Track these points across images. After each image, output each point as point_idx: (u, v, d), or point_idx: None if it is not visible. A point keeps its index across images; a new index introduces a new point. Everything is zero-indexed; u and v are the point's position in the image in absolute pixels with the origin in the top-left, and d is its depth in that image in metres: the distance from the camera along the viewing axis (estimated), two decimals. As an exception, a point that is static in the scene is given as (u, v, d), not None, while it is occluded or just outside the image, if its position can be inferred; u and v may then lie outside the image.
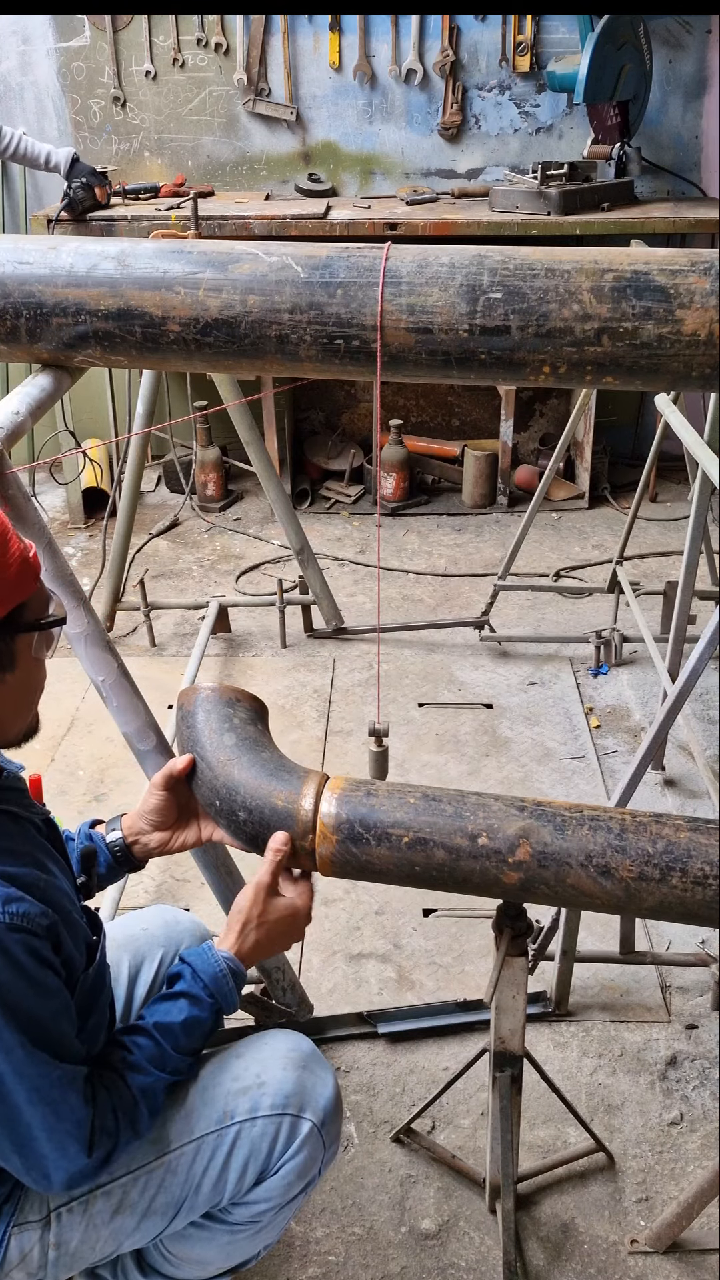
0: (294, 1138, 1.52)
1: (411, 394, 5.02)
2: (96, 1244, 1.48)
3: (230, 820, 1.55)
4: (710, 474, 2.34)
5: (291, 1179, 1.52)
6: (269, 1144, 1.51)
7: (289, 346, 1.56)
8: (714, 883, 1.46)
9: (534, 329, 1.47)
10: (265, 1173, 1.52)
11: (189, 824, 1.63)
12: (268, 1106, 1.52)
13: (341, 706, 3.44)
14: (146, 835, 1.62)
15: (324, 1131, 1.54)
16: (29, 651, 1.34)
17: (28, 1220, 1.44)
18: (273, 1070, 1.55)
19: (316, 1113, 1.54)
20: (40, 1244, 1.44)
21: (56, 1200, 1.45)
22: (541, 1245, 1.96)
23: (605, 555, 4.31)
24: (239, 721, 1.60)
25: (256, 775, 1.53)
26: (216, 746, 1.57)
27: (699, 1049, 2.29)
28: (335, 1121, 1.57)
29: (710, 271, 1.45)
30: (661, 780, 3.08)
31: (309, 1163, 1.53)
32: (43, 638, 1.35)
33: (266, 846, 1.49)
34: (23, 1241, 1.44)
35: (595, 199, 4.31)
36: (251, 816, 1.52)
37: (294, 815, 1.50)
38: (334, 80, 4.63)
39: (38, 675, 1.38)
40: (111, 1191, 1.47)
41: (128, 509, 3.58)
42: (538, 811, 1.53)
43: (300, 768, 1.57)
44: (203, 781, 1.57)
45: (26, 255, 1.61)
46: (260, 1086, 1.53)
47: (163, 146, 4.78)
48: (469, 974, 2.48)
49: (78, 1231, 1.46)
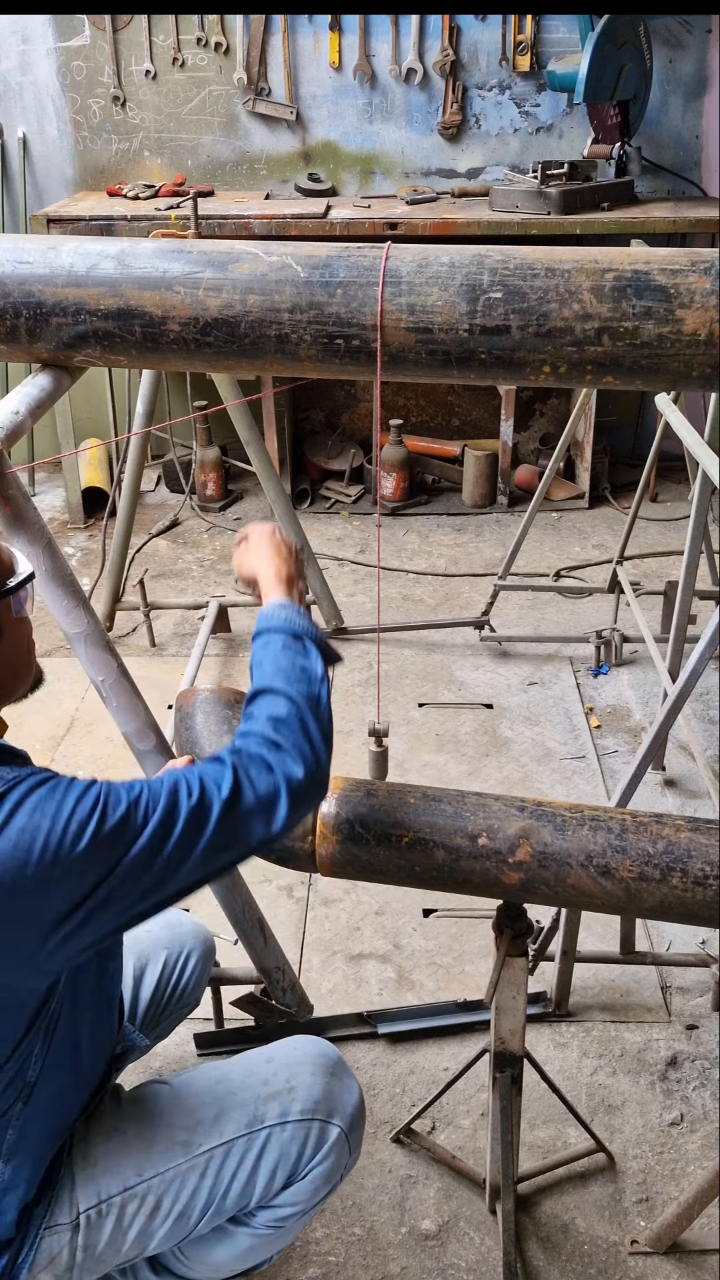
0: (322, 1143, 1.53)
1: (411, 394, 5.01)
2: (123, 1248, 1.49)
3: None
4: (710, 474, 2.34)
5: (318, 1184, 1.54)
6: (298, 1148, 1.52)
7: (289, 346, 1.56)
8: (714, 883, 1.46)
9: (534, 329, 1.47)
10: (293, 1177, 1.53)
11: None
12: (297, 1111, 1.53)
13: (341, 706, 3.43)
14: None
15: (350, 1137, 1.56)
16: (10, 615, 1.33)
17: (58, 1223, 1.45)
18: (302, 1076, 1.56)
19: (344, 1119, 1.56)
20: (69, 1246, 1.45)
21: (86, 1203, 1.46)
22: (541, 1245, 1.96)
23: (605, 555, 4.30)
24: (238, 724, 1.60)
25: None
26: (215, 749, 1.57)
27: (699, 1049, 2.29)
28: (359, 1128, 1.59)
29: (710, 271, 1.45)
30: (662, 780, 3.08)
31: (335, 1168, 1.55)
32: (18, 600, 1.34)
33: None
34: (53, 1244, 1.45)
35: (595, 199, 4.31)
36: None
37: None
38: (334, 80, 4.62)
39: (25, 632, 1.37)
40: (142, 1195, 1.48)
41: (128, 509, 3.58)
42: (538, 811, 1.53)
43: None
44: None
45: (26, 255, 1.60)
46: (290, 1092, 1.54)
47: (163, 146, 4.77)
48: (469, 974, 2.48)
49: (105, 1234, 1.47)
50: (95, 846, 1.18)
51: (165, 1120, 1.53)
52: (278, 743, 1.30)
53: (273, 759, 1.29)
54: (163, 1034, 1.93)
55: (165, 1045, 2.15)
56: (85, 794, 1.21)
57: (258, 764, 1.29)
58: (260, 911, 2.09)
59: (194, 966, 1.87)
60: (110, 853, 1.19)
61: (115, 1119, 1.54)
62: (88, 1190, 1.47)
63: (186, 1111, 1.54)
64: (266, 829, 1.27)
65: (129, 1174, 1.49)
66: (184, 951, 1.86)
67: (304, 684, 1.36)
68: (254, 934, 2.08)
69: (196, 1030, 2.27)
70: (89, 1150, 1.50)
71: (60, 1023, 1.39)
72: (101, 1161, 1.49)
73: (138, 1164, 1.49)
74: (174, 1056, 2.25)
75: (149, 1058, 2.18)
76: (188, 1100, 1.56)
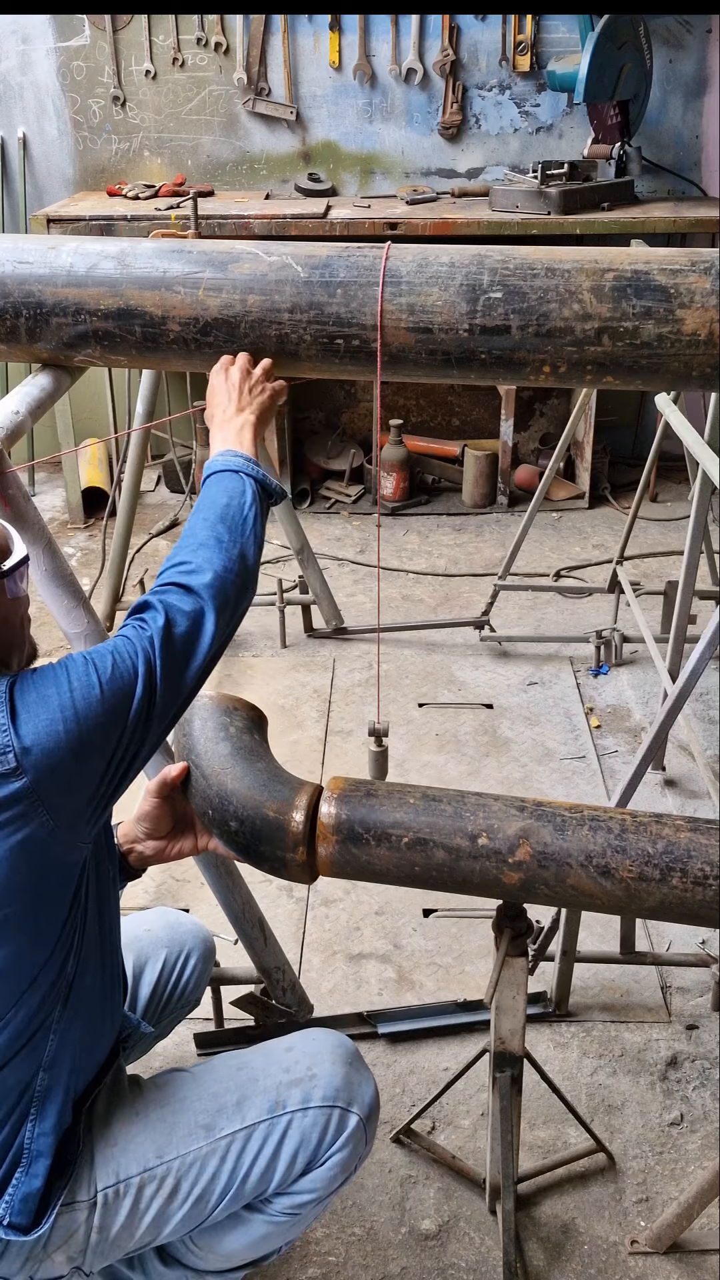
0: (342, 1130, 1.55)
1: (411, 394, 5.01)
2: (137, 1232, 1.50)
3: (223, 829, 1.55)
4: (710, 474, 2.34)
5: (335, 1171, 1.56)
6: (319, 1134, 1.54)
7: (289, 346, 1.56)
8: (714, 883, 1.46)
9: (534, 328, 1.47)
10: (313, 1163, 1.55)
11: (185, 833, 1.63)
12: (319, 1098, 1.55)
13: (341, 706, 3.43)
14: (142, 844, 1.63)
15: (367, 1127, 1.58)
16: (5, 597, 1.35)
17: (77, 1200, 1.46)
18: (323, 1064, 1.58)
19: (363, 1108, 1.58)
20: (85, 1225, 1.46)
21: (104, 1182, 1.47)
22: (541, 1246, 1.96)
23: (605, 555, 4.30)
24: (235, 730, 1.60)
25: (249, 785, 1.53)
26: (211, 755, 1.56)
27: (699, 1049, 2.29)
28: (375, 1119, 1.61)
29: (710, 271, 1.45)
30: (662, 780, 3.08)
31: (353, 1156, 1.57)
32: (12, 580, 1.36)
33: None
34: (70, 1221, 1.46)
35: (595, 198, 4.31)
36: (243, 827, 1.52)
37: (284, 827, 1.50)
38: (334, 80, 4.62)
39: (19, 610, 1.40)
40: (161, 1177, 1.49)
41: (127, 509, 3.58)
42: (538, 812, 1.53)
43: (295, 779, 1.56)
44: (196, 790, 1.56)
45: (26, 255, 1.60)
46: (312, 1079, 1.56)
47: (162, 146, 4.77)
48: (469, 974, 2.48)
49: (122, 1216, 1.48)
50: (109, 697, 1.29)
51: (187, 1104, 1.55)
52: (191, 567, 1.41)
53: (187, 580, 1.39)
54: (163, 1033, 1.93)
55: (165, 1045, 2.15)
56: (71, 664, 1.31)
57: (174, 592, 1.39)
58: (260, 911, 2.09)
59: (194, 966, 1.88)
60: (122, 701, 1.30)
61: (136, 1101, 1.56)
62: (106, 1169, 1.48)
63: (209, 1096, 1.55)
64: (205, 633, 1.38)
65: (149, 1155, 1.50)
66: (184, 951, 1.87)
67: (225, 508, 1.46)
68: (254, 934, 2.08)
69: (196, 1030, 2.27)
70: (109, 1130, 1.51)
71: (88, 914, 1.44)
72: (122, 1142, 1.50)
73: (158, 1146, 1.51)
74: (174, 1056, 2.25)
75: (149, 1058, 2.18)
76: (210, 1085, 1.57)
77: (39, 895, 1.32)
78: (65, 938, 1.38)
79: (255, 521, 1.46)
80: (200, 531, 1.43)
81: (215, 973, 2.16)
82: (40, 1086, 1.42)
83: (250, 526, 1.45)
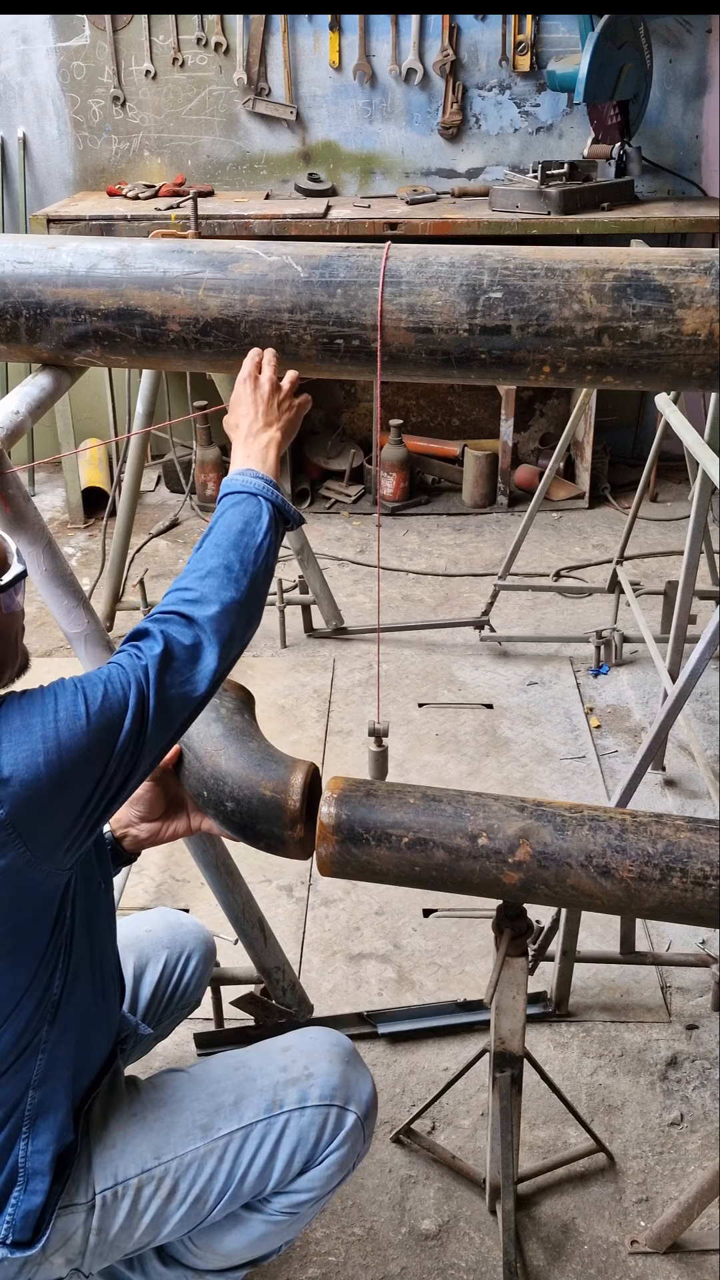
0: (340, 1129, 1.55)
1: (411, 394, 5.01)
2: (136, 1233, 1.50)
3: (219, 810, 1.55)
4: (710, 474, 2.34)
5: (333, 1170, 1.55)
6: (316, 1133, 1.54)
7: (289, 346, 1.56)
8: (714, 883, 1.46)
9: (534, 328, 1.47)
10: (311, 1162, 1.54)
11: (178, 814, 1.64)
12: (316, 1097, 1.55)
13: (341, 706, 3.43)
14: (135, 828, 1.64)
15: (365, 1125, 1.58)
16: (1, 612, 1.34)
17: (75, 1202, 1.46)
18: (320, 1063, 1.58)
19: (360, 1106, 1.57)
20: (84, 1228, 1.46)
21: (102, 1184, 1.47)
22: (541, 1245, 1.96)
23: (605, 555, 4.30)
24: (225, 711, 1.60)
25: (244, 765, 1.53)
26: (203, 737, 1.56)
27: (699, 1049, 2.29)
28: (373, 1117, 1.61)
29: (710, 271, 1.45)
30: (662, 780, 3.08)
31: (350, 1155, 1.57)
32: (6, 597, 1.35)
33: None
34: (68, 1224, 1.45)
35: (595, 198, 4.31)
36: (240, 807, 1.52)
37: (282, 805, 1.50)
38: (334, 80, 4.62)
39: (14, 625, 1.38)
40: (159, 1179, 1.49)
41: (127, 509, 3.58)
42: (538, 812, 1.53)
43: (288, 757, 1.57)
44: (190, 772, 1.56)
45: (26, 255, 1.60)
46: (309, 1078, 1.56)
47: (162, 146, 4.77)
48: (469, 974, 2.48)
49: (120, 1217, 1.48)
50: (95, 729, 1.25)
51: (184, 1104, 1.55)
52: (196, 596, 1.37)
53: (190, 611, 1.36)
54: (163, 1034, 1.93)
55: (165, 1045, 2.15)
56: (61, 690, 1.28)
57: (176, 622, 1.35)
58: (260, 911, 2.09)
59: (195, 967, 1.88)
60: (109, 734, 1.26)
61: (134, 1103, 1.56)
62: (105, 1171, 1.48)
63: (206, 1096, 1.55)
64: (204, 668, 1.34)
65: (146, 1156, 1.50)
66: (185, 952, 1.87)
67: (240, 535, 1.42)
68: (254, 934, 2.08)
69: (196, 1030, 2.27)
70: (107, 1132, 1.51)
71: (75, 932, 1.42)
72: (120, 1144, 1.50)
73: (156, 1147, 1.50)
74: (174, 1056, 2.25)
75: (149, 1058, 2.18)
76: (207, 1085, 1.57)
77: (16, 923, 1.30)
78: (49, 959, 1.37)
79: (268, 551, 1.42)
80: (210, 558, 1.39)
81: (215, 973, 2.16)
82: (30, 1105, 1.41)
83: (263, 556, 1.41)
